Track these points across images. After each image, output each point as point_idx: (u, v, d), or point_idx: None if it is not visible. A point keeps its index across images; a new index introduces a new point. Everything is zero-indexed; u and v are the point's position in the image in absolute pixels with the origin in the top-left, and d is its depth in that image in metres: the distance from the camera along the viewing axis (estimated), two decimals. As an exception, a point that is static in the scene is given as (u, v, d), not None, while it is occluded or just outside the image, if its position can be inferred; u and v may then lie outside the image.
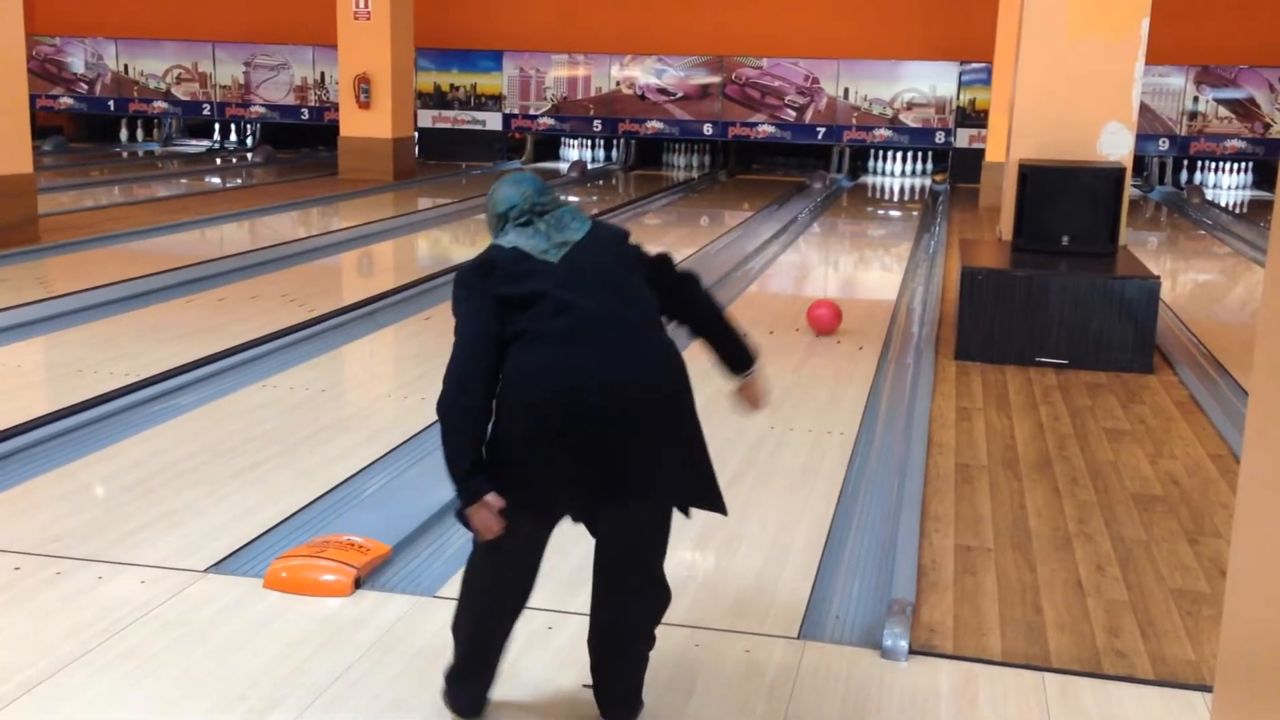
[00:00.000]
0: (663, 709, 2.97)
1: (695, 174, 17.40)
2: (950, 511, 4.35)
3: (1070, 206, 6.85)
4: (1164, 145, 16.43)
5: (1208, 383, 6.24)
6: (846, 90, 17.02)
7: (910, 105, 16.93)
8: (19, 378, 6.02)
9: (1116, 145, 6.98)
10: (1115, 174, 6.83)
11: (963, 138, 16.79)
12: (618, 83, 17.59)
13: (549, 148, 18.47)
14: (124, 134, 19.40)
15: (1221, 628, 2.01)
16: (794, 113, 17.21)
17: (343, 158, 15.28)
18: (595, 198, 14.88)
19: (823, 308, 7.36)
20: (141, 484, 4.46)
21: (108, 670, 3.11)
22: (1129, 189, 7.06)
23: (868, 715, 3.01)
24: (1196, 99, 16.29)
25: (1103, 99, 6.95)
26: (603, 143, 18.19)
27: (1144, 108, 15.11)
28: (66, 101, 19.10)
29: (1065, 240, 6.88)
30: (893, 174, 17.54)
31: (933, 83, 16.82)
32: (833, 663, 3.23)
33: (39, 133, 15.57)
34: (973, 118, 16.64)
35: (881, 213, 14.90)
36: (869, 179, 17.30)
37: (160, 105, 18.92)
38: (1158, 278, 6.47)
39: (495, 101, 17.89)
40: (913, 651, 3.27)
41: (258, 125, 18.91)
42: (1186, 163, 16.73)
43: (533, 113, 17.80)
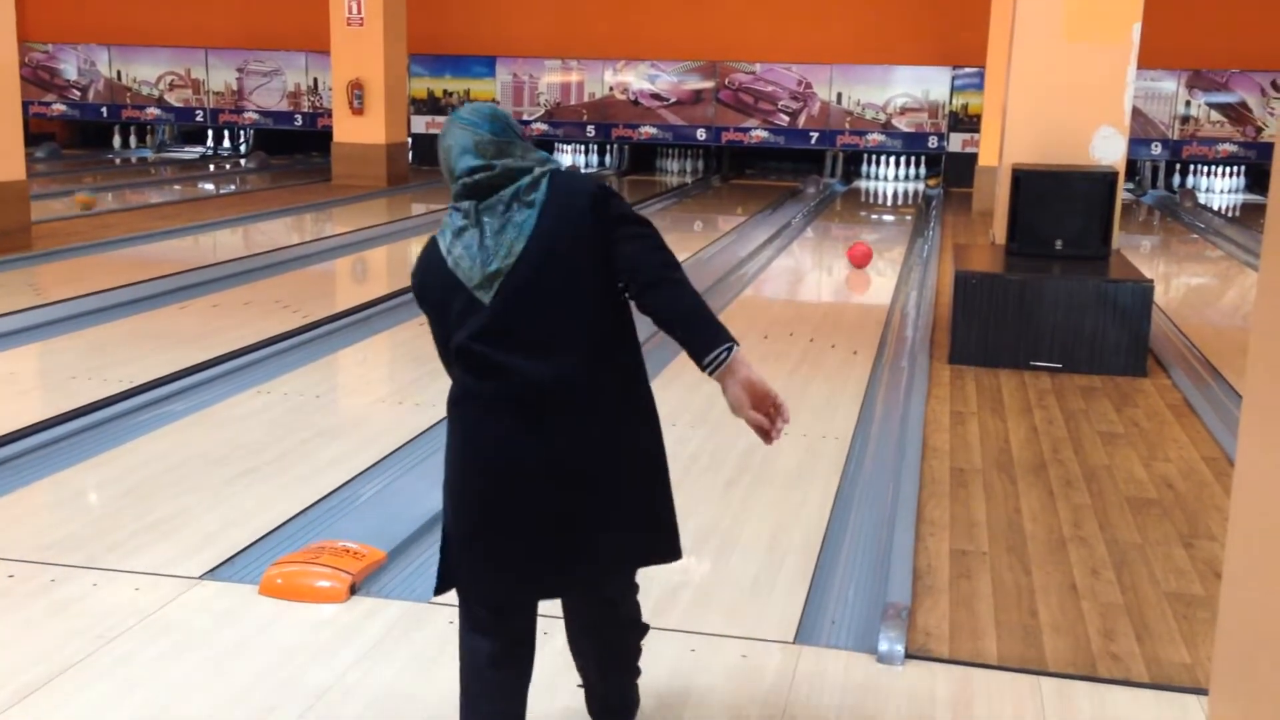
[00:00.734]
0: (658, 714, 2.96)
1: (689, 179, 17.41)
2: (945, 515, 4.35)
3: (1063, 210, 6.86)
4: (1156, 149, 16.47)
5: (1201, 386, 6.25)
6: (839, 95, 17.05)
7: (903, 110, 16.96)
8: (12, 385, 6.00)
9: (1109, 149, 7.00)
10: (1108, 178, 6.84)
11: (955, 142, 16.82)
12: (611, 88, 17.61)
13: (542, 153, 18.44)
14: (117, 140, 19.37)
15: (1216, 630, 2.02)
16: (787, 118, 17.23)
17: (336, 164, 15.27)
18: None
19: (861, 246, 9.99)
20: (135, 490, 4.45)
21: (102, 678, 3.10)
22: (1121, 193, 7.07)
23: (864, 720, 3.00)
24: (1189, 103, 16.34)
25: (1095, 103, 6.97)
26: (596, 148, 18.20)
27: (1136, 112, 15.16)
28: (59, 108, 19.08)
29: (1058, 244, 6.89)
30: (886, 178, 17.57)
31: (925, 87, 16.85)
32: (829, 667, 3.23)
33: (32, 139, 15.56)
34: (965, 122, 16.68)
35: (875, 217, 14.92)
36: (862, 183, 17.33)
37: (153, 112, 18.90)
38: (1151, 281, 6.48)
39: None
40: (909, 656, 3.27)
41: (251, 131, 18.90)
42: (1179, 166, 16.77)
43: (526, 118, 17.80)
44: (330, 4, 14.90)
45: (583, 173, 2.75)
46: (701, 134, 17.50)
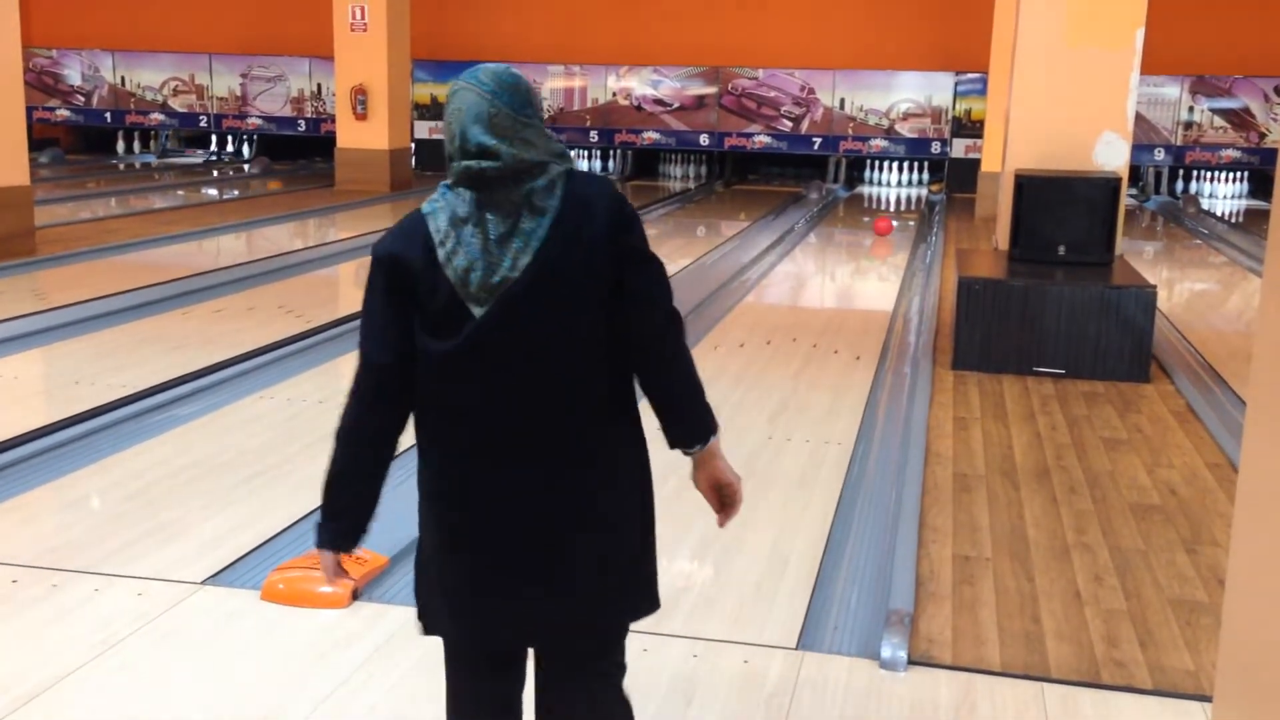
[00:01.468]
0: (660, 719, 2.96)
1: (691, 184, 17.42)
2: (948, 521, 4.35)
3: (1066, 216, 6.86)
4: (1160, 155, 16.46)
5: (1204, 392, 6.24)
6: (842, 101, 17.06)
7: (906, 115, 16.96)
8: (15, 390, 6.01)
9: (1112, 155, 6.99)
10: (1111, 184, 6.84)
11: (959, 148, 16.82)
12: (614, 94, 17.62)
13: (546, 158, 18.46)
14: (120, 146, 19.40)
15: (1220, 637, 2.01)
16: (790, 123, 17.23)
17: (340, 169, 15.28)
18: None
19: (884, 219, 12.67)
20: (138, 495, 4.46)
21: (104, 683, 3.10)
22: (1125, 199, 7.07)
23: (866, 726, 3.00)
24: (1192, 109, 16.33)
25: (1098, 109, 6.97)
26: (599, 153, 18.20)
27: (1139, 118, 15.15)
28: (63, 113, 19.11)
29: (1062, 250, 6.89)
30: (889, 184, 17.57)
31: (928, 93, 16.85)
32: (831, 673, 3.22)
33: (36, 145, 15.57)
34: (968, 128, 16.68)
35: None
36: (865, 189, 17.33)
37: (157, 117, 18.93)
38: (1154, 287, 6.48)
39: (492, 112, 17.89)
40: (911, 662, 3.27)
41: (255, 137, 18.92)
42: (1182, 172, 16.76)
43: (529, 124, 17.79)
44: (334, 10, 14.92)
45: (596, 176, 2.36)
46: (704, 139, 17.51)
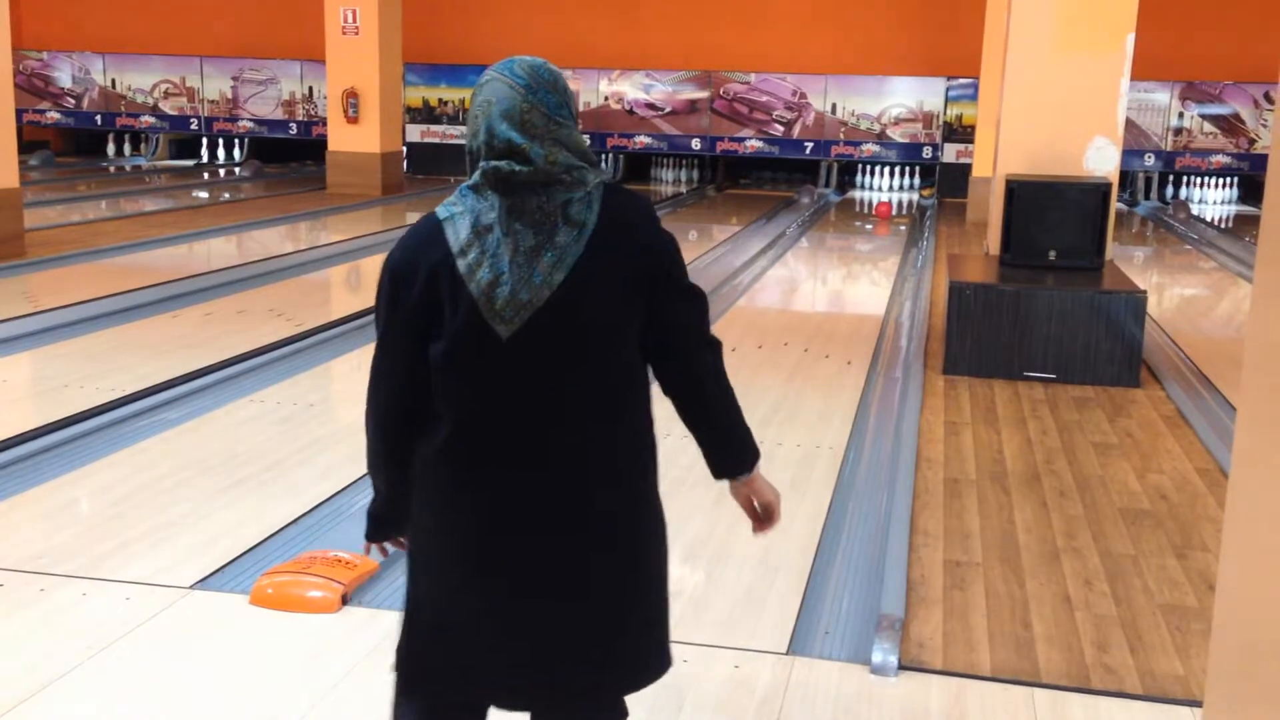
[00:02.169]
0: (651, 725, 2.95)
1: (684, 189, 17.43)
2: (939, 526, 4.35)
3: (1057, 221, 6.87)
4: (1150, 160, 16.51)
5: (1194, 396, 6.26)
6: (834, 105, 17.08)
7: (897, 120, 16.99)
8: (4, 393, 5.98)
9: (1103, 160, 7.01)
10: (1102, 189, 6.86)
11: (950, 153, 16.85)
12: (606, 98, 17.62)
13: (537, 162, 18.47)
14: (111, 149, 19.35)
15: (1211, 642, 2.01)
16: (782, 128, 17.25)
17: (331, 172, 15.26)
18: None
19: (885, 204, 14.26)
20: (127, 500, 4.44)
21: (91, 688, 3.08)
22: (1115, 204, 7.08)
23: (857, 731, 3.00)
24: (1182, 115, 16.38)
25: (1089, 114, 6.98)
26: (591, 157, 18.20)
27: (1130, 123, 15.19)
28: (53, 116, 19.06)
29: (1052, 255, 6.90)
30: (880, 189, 17.59)
31: (920, 98, 16.88)
32: (822, 678, 3.22)
33: (26, 147, 15.55)
34: (959, 133, 16.71)
35: (869, 227, 14.93)
36: (857, 194, 17.35)
37: (148, 120, 18.89)
38: (1144, 292, 6.49)
39: (484, 116, 17.89)
40: (902, 667, 3.26)
41: (245, 140, 18.89)
42: (1172, 178, 16.81)
43: (521, 127, 17.80)
44: (325, 13, 14.91)
45: (635, 194, 2.13)
46: (696, 144, 17.52)
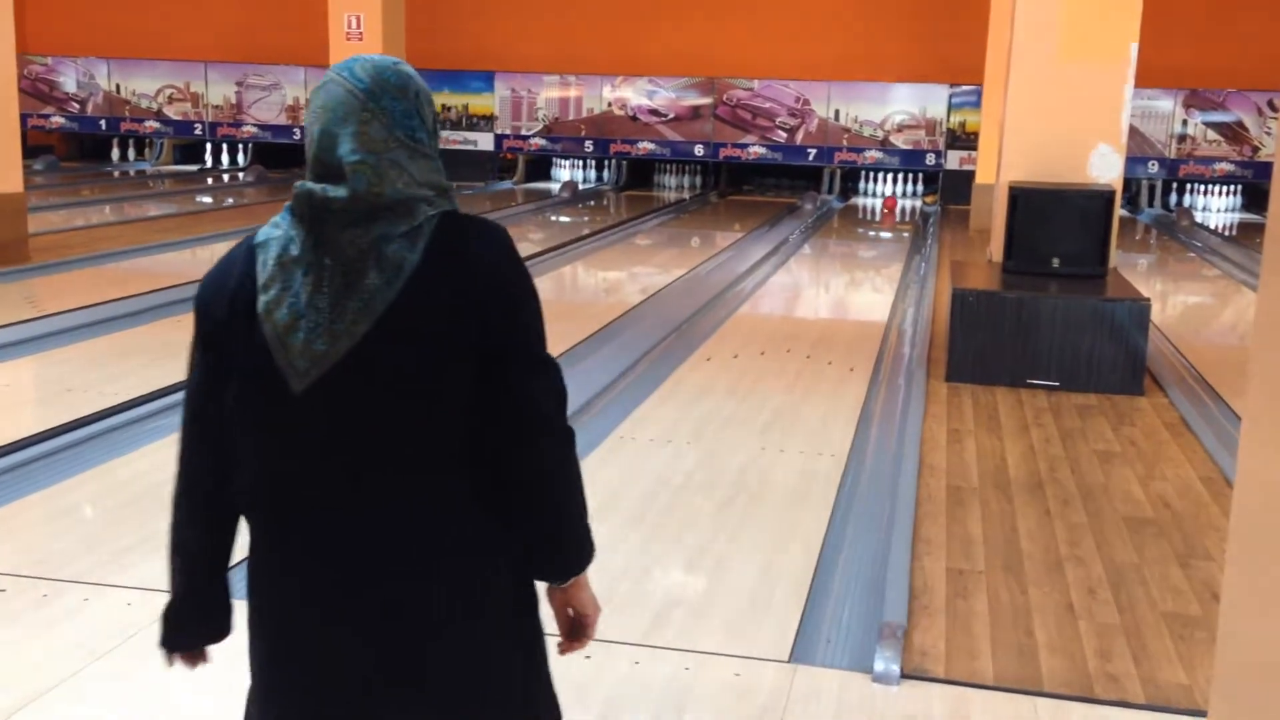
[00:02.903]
0: (653, 733, 2.95)
1: (686, 195, 17.43)
2: (942, 534, 4.34)
3: (1060, 229, 6.87)
4: (1153, 168, 16.50)
5: (1198, 405, 6.25)
6: (837, 112, 17.08)
7: (901, 127, 16.99)
8: (7, 397, 5.98)
9: (1106, 168, 7.00)
10: (1105, 196, 6.85)
11: (953, 159, 16.85)
12: (609, 104, 17.63)
13: (541, 168, 18.50)
14: (115, 153, 19.38)
15: (1216, 652, 2.00)
16: (785, 134, 17.26)
17: (334, 178, 15.26)
18: (586, 218, 14.90)
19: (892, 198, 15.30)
20: (129, 505, 4.44)
21: (93, 693, 3.08)
22: (1119, 211, 7.08)
23: (859, 740, 2.99)
24: (1185, 122, 16.38)
25: (1092, 122, 6.98)
26: (594, 163, 18.22)
27: (1133, 130, 15.19)
28: (58, 121, 19.09)
29: (1055, 262, 6.89)
30: (883, 195, 17.59)
31: (923, 105, 16.88)
32: (824, 687, 3.21)
33: (30, 152, 15.55)
34: (963, 140, 16.71)
35: (872, 234, 14.94)
36: (860, 200, 17.35)
37: (152, 125, 18.91)
38: (1148, 300, 6.48)
39: (487, 122, 17.92)
40: (904, 675, 3.25)
41: (249, 145, 18.91)
42: (1176, 185, 16.80)
43: (524, 133, 17.82)
44: (329, 18, 14.91)
45: (487, 225, 1.70)
46: (699, 150, 17.52)
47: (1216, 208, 16.70)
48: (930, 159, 17.00)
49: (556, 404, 1.70)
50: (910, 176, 17.51)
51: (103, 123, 19.03)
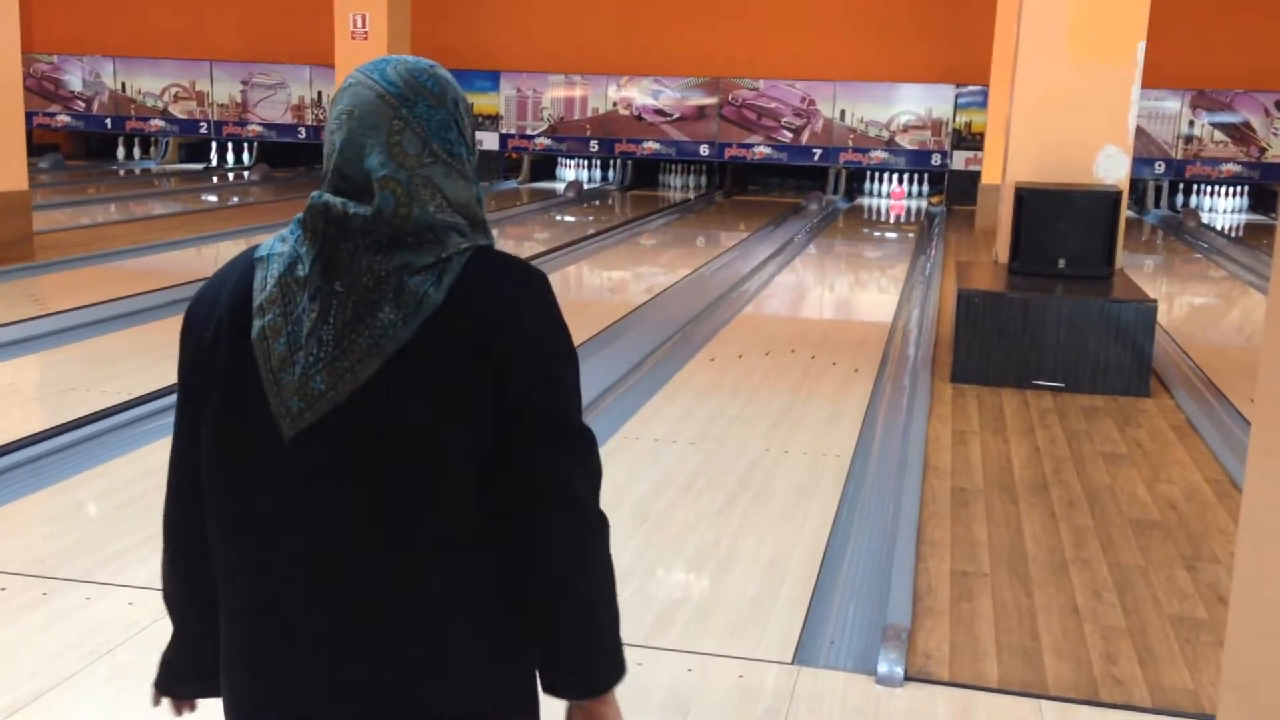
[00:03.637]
0: (655, 735, 2.94)
1: (692, 195, 17.42)
2: (946, 536, 4.32)
3: (1067, 229, 6.85)
4: (1160, 169, 16.46)
5: (1204, 407, 6.22)
6: (843, 112, 17.06)
7: (906, 127, 16.97)
8: (11, 395, 5.98)
9: (1113, 168, 6.98)
10: (1112, 197, 6.83)
11: (959, 160, 16.82)
12: (614, 103, 17.62)
13: (546, 168, 18.50)
14: (120, 152, 19.40)
15: (1224, 656, 1.99)
16: (790, 134, 17.24)
17: (339, 177, 15.26)
18: (591, 218, 14.89)
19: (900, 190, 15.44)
20: (132, 504, 4.43)
21: (94, 692, 3.07)
22: (1125, 212, 7.06)
23: (863, 742, 2.97)
24: (1192, 123, 16.34)
25: (1099, 122, 6.96)
26: (599, 163, 18.21)
27: (1140, 131, 15.15)
28: (64, 119, 19.11)
29: (1062, 263, 6.87)
30: (889, 196, 17.57)
31: (929, 105, 16.86)
32: (827, 689, 3.20)
33: (36, 150, 15.59)
34: (969, 140, 16.68)
35: (878, 234, 14.92)
36: (865, 200, 17.33)
37: (158, 123, 18.93)
38: (1154, 301, 6.46)
39: (492, 121, 17.92)
40: (908, 678, 3.24)
41: (255, 144, 18.93)
42: (1182, 186, 16.77)
43: (530, 133, 17.82)
44: (335, 17, 14.92)
45: (525, 269, 1.42)
46: (705, 150, 17.51)
47: (1223, 209, 16.66)
48: (936, 159, 16.97)
49: (587, 482, 1.43)
50: (916, 177, 17.48)
51: (108, 121, 19.05)
